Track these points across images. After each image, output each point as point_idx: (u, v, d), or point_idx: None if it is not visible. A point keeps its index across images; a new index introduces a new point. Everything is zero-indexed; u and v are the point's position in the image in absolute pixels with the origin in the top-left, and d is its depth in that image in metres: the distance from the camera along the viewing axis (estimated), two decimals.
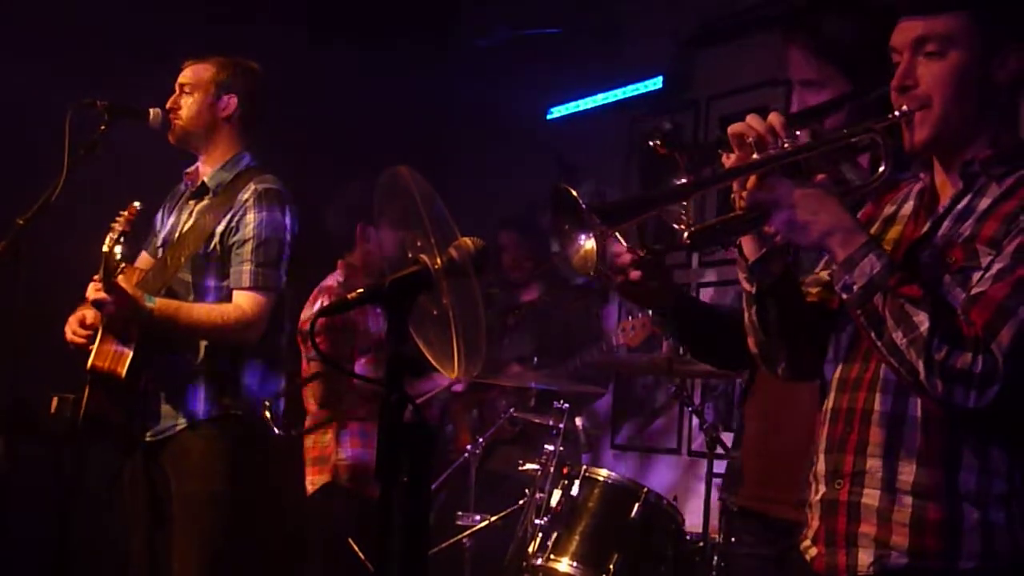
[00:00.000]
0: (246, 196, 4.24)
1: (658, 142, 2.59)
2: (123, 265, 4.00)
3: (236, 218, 4.22)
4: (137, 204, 4.11)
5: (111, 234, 4.00)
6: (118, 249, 3.97)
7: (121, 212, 4.08)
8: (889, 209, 2.58)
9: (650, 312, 5.29)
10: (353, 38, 6.90)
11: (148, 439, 4.19)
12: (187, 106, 4.35)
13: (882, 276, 2.27)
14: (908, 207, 2.53)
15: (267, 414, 4.28)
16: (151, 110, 4.32)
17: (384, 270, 3.44)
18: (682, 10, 6.68)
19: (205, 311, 4.15)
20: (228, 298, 4.20)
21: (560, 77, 7.26)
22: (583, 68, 7.12)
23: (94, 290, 4.00)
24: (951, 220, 2.38)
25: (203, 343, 4.20)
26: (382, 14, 7.06)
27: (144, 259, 4.46)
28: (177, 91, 4.38)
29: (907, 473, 2.31)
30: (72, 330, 4.16)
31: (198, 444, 4.16)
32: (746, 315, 2.58)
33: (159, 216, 4.52)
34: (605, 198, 4.49)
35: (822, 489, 2.46)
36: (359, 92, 6.86)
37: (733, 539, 3.46)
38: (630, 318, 5.97)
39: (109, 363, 4.06)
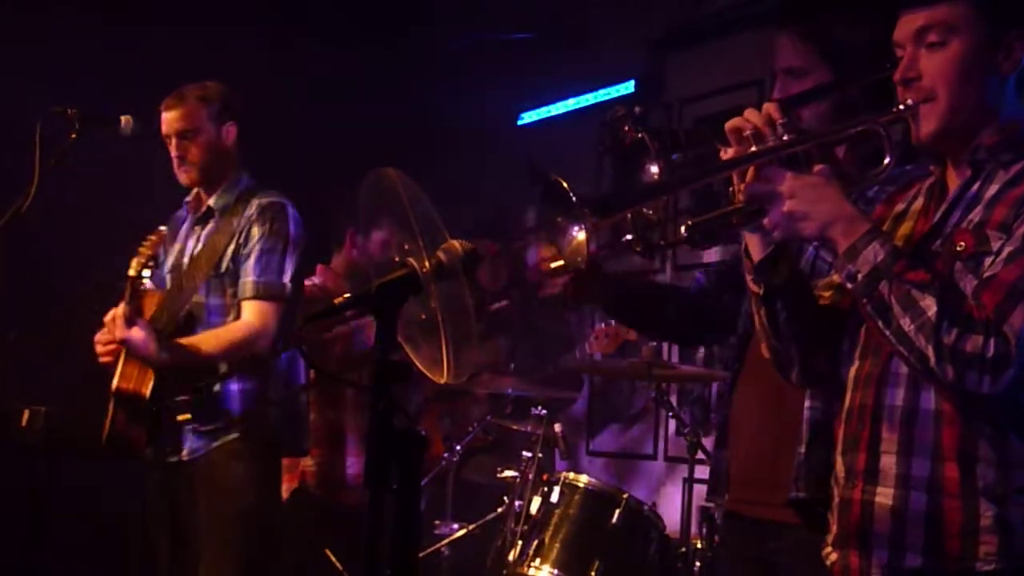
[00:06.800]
0: (251, 211, 4.31)
1: (627, 127, 2.55)
2: (146, 291, 4.10)
3: (243, 235, 4.28)
4: (163, 228, 4.21)
5: (138, 258, 4.07)
6: (146, 273, 4.07)
7: (148, 236, 4.14)
8: (900, 207, 2.53)
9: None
10: (319, 42, 6.82)
11: (171, 460, 4.22)
12: (195, 151, 4.33)
13: (886, 263, 2.22)
14: (919, 203, 2.49)
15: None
16: (123, 117, 4.28)
17: (369, 275, 3.42)
18: (653, 13, 6.64)
19: (215, 339, 4.19)
20: (239, 311, 4.25)
21: (531, 82, 7.21)
22: (554, 73, 7.07)
23: (119, 326, 4.02)
24: (960, 208, 2.34)
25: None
26: (348, 17, 6.98)
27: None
28: (174, 139, 4.32)
29: (921, 469, 2.25)
30: (103, 343, 4.17)
31: (225, 461, 4.20)
32: (756, 318, 2.53)
33: (160, 247, 4.48)
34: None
35: (840, 491, 2.40)
36: (326, 97, 6.79)
37: (717, 542, 3.42)
38: (603, 325, 5.93)
39: (134, 384, 4.09)
